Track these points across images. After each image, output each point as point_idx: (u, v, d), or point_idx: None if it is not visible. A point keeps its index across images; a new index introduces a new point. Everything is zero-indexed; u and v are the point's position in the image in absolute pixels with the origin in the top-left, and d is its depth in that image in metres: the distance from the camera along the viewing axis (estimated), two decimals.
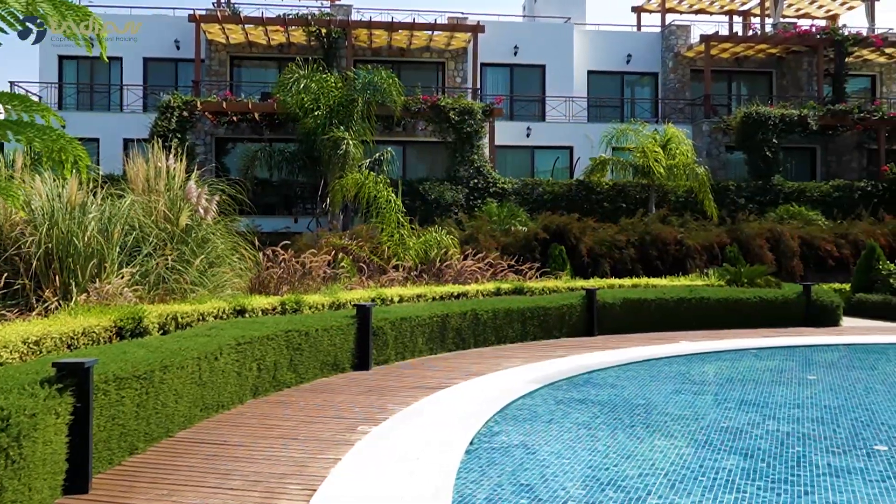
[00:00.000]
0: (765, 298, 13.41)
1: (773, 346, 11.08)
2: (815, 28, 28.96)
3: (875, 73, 30.17)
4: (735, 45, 28.42)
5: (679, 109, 29.10)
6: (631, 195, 23.56)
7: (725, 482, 5.00)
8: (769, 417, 6.97)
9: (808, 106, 26.27)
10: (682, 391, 8.16)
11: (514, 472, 5.14)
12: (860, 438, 6.24)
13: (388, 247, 14.47)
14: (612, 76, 29.74)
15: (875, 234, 19.70)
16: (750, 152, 25.42)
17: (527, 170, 26.98)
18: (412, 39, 26.38)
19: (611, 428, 6.51)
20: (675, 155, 22.16)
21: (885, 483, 4.99)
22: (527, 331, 11.29)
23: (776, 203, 23.88)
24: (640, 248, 18.09)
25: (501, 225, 19.03)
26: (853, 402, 7.72)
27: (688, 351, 10.46)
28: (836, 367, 10.04)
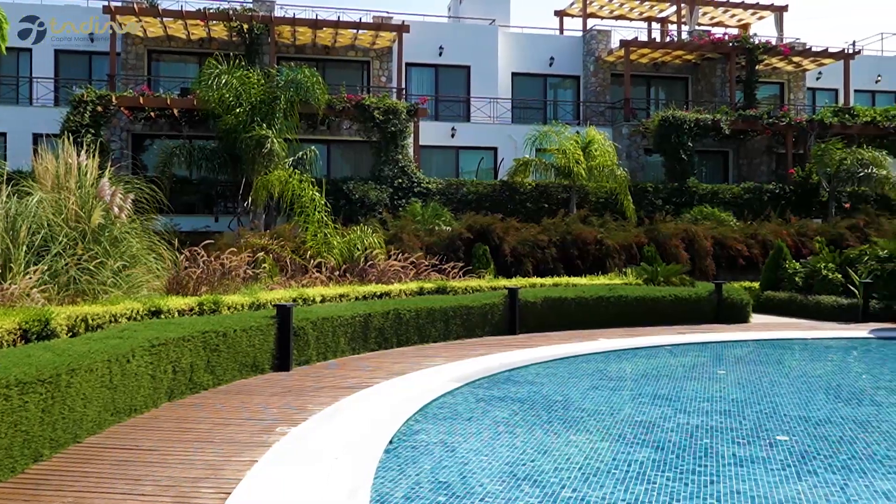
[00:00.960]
0: (679, 296, 13.86)
1: (686, 343, 11.47)
2: (728, 36, 30.12)
3: (783, 80, 31.56)
4: (653, 50, 29.28)
5: (600, 112, 29.78)
6: (553, 196, 23.98)
7: (637, 474, 5.16)
8: (680, 411, 7.22)
9: (721, 111, 27.29)
10: (599, 387, 8.37)
11: (432, 471, 5.18)
12: (764, 430, 6.53)
13: (312, 246, 14.33)
14: (536, 78, 30.22)
15: (782, 234, 20.60)
16: (667, 155, 26.23)
17: (451, 170, 27.14)
18: (337, 38, 26.18)
19: (529, 424, 6.62)
20: (595, 157, 22.65)
21: (785, 471, 5.24)
22: (450, 330, 11.36)
23: (691, 204, 24.71)
24: (561, 247, 18.42)
25: (426, 225, 19.09)
26: (759, 395, 8.06)
27: (606, 348, 10.73)
28: (744, 362, 10.47)
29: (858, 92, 32.11)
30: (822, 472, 5.25)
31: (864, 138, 27.60)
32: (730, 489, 4.82)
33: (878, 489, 4.89)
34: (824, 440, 6.12)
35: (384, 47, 27.37)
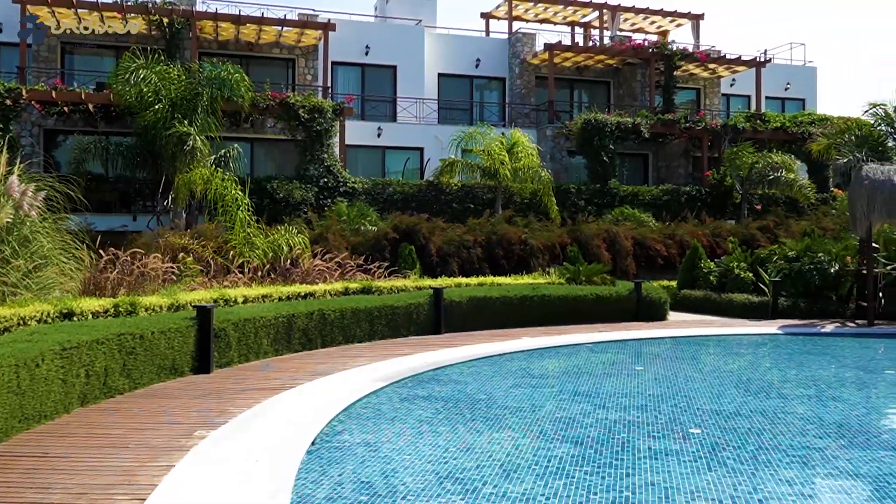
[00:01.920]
0: (601, 295, 14.19)
1: (606, 341, 11.76)
2: (648, 42, 30.98)
3: (700, 86, 32.67)
4: (576, 54, 29.87)
5: (525, 114, 30.20)
6: (479, 196, 24.19)
7: (557, 469, 5.27)
8: (599, 407, 7.40)
9: (641, 115, 28.06)
10: (522, 385, 8.50)
11: (355, 471, 5.17)
12: (678, 423, 6.77)
13: (235, 246, 14.07)
14: (462, 79, 30.43)
15: (698, 234, 21.33)
16: (589, 157, 26.80)
17: (378, 170, 27.07)
18: (261, 34, 25.76)
19: (452, 423, 6.68)
20: (520, 158, 22.96)
21: (697, 463, 5.44)
22: (375, 330, 11.34)
23: (613, 205, 25.32)
24: (486, 247, 18.61)
25: (351, 224, 18.99)
26: (674, 390, 8.34)
27: (529, 347, 10.89)
28: (661, 359, 10.80)
29: (769, 98, 33.50)
30: (732, 462, 5.48)
31: (774, 143, 28.82)
32: (644, 481, 4.98)
33: (782, 477, 5.13)
34: (734, 432, 6.38)
35: (310, 45, 27.08)
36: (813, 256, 15.41)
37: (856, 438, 6.26)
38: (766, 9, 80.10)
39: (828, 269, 15.07)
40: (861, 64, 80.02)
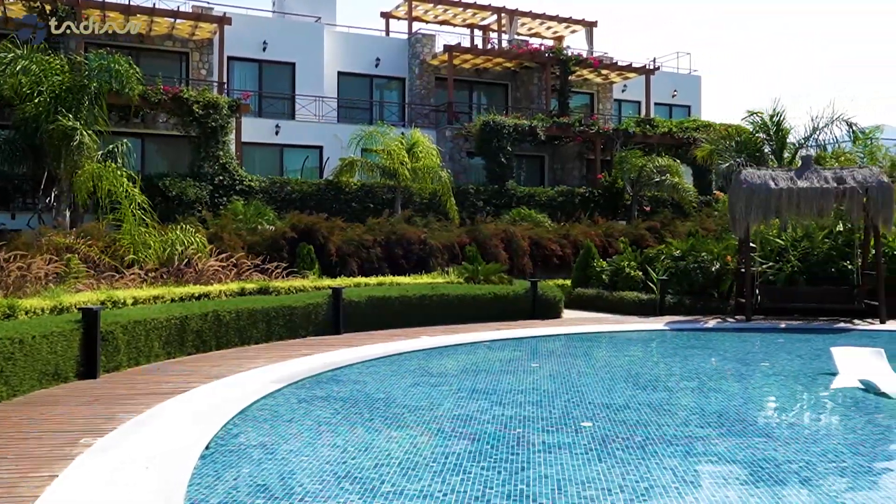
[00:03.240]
0: (498, 294, 14.46)
1: (503, 339, 11.99)
2: (544, 47, 31.80)
3: (593, 91, 33.77)
4: (475, 56, 30.29)
5: (425, 115, 30.37)
6: (378, 196, 24.16)
7: (454, 465, 5.36)
8: (496, 404, 7.56)
9: (538, 118, 28.73)
10: (421, 384, 8.57)
11: (251, 474, 5.09)
12: (571, 417, 7.00)
13: (125, 246, 13.52)
14: (362, 78, 30.30)
15: (591, 235, 22.04)
16: (488, 158, 27.24)
17: (276, 168, 26.61)
18: (152, 26, 24.84)
19: (351, 423, 6.67)
20: (420, 158, 23.06)
21: (588, 455, 5.65)
22: (272, 331, 11.16)
23: (510, 206, 25.82)
24: (386, 247, 18.61)
25: (248, 224, 18.58)
26: (567, 386, 8.61)
27: (428, 345, 10.98)
28: (555, 356, 11.12)
29: (658, 105, 34.98)
30: (621, 453, 5.72)
31: (662, 147, 30.13)
32: (538, 474, 5.13)
33: (667, 466, 5.40)
34: (623, 424, 6.65)
35: (204, 39, 26.30)
36: (697, 256, 16.20)
37: (734, 427, 6.65)
38: (656, 19, 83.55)
39: (710, 268, 15.88)
40: (741, 74, 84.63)
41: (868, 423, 6.85)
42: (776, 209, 14.51)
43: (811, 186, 14.18)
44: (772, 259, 16.01)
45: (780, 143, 19.20)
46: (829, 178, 14.29)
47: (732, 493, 4.91)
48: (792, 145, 19.22)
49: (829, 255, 15.58)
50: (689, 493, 4.86)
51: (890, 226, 14.12)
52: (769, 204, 14.26)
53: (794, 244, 16.20)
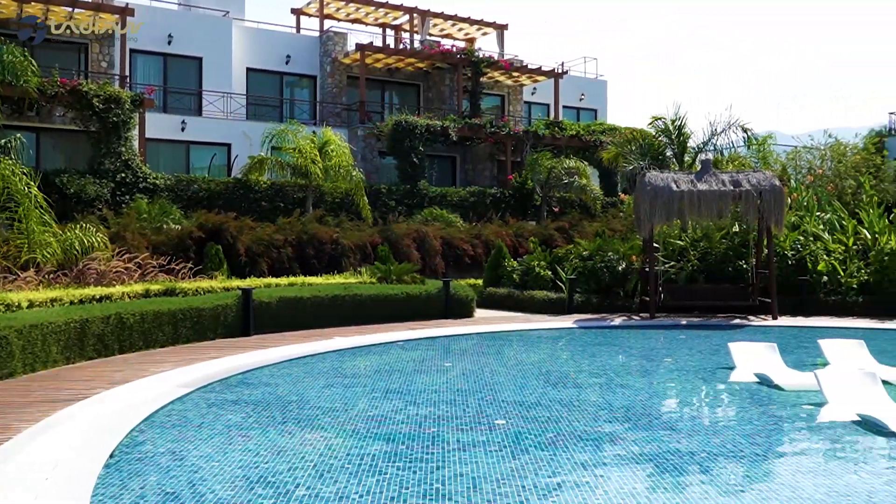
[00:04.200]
0: (411, 294, 14.49)
1: (416, 338, 12.03)
2: (456, 48, 32.03)
3: (504, 93, 34.25)
4: (387, 56, 30.24)
5: (336, 113, 30.10)
6: (289, 195, 23.79)
7: (369, 466, 5.34)
8: (410, 403, 7.58)
9: (450, 118, 28.94)
10: (334, 385, 8.50)
11: (159, 481, 4.93)
12: (484, 415, 7.09)
13: (19, 245, 12.83)
14: (272, 75, 29.77)
15: (502, 234, 22.38)
16: (400, 158, 27.25)
17: (182, 166, 25.82)
18: (48, 14, 23.64)
19: (263, 426, 6.55)
20: (332, 157, 22.86)
21: (502, 452, 5.74)
22: (179, 333, 10.83)
23: (422, 206, 25.91)
24: (297, 247, 18.36)
25: (153, 223, 17.97)
26: (481, 384, 8.72)
27: (341, 346, 10.90)
28: (468, 354, 11.23)
29: (566, 108, 35.80)
30: (534, 449, 5.83)
31: (571, 149, 30.86)
32: (454, 472, 5.18)
33: (577, 461, 5.55)
34: (535, 421, 6.79)
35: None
36: (604, 255, 16.69)
37: (640, 421, 6.89)
38: (565, 24, 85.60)
39: (616, 267, 16.39)
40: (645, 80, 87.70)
41: (763, 414, 7.22)
42: (678, 211, 15.11)
43: (710, 189, 14.83)
44: (674, 258, 16.66)
45: (682, 147, 19.97)
46: (727, 182, 14.98)
47: (640, 485, 5.09)
48: (692, 149, 20.00)
49: (726, 255, 16.33)
50: (600, 487, 5.00)
51: (781, 227, 14.92)
52: (671, 206, 14.82)
53: (694, 244, 16.91)
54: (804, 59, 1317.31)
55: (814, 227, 16.85)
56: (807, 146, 27.41)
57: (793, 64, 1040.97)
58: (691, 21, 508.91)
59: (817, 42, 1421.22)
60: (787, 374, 8.38)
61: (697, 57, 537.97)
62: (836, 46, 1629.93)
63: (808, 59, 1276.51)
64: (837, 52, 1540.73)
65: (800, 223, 16.94)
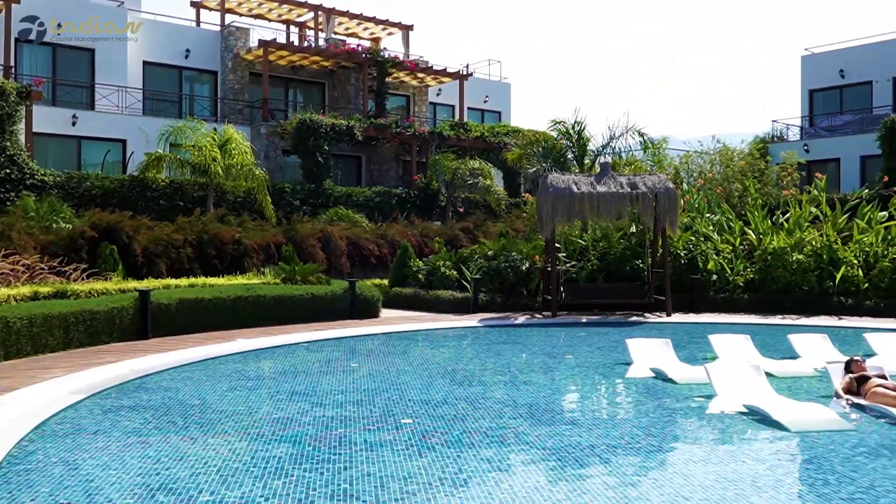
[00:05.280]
0: (316, 294, 14.35)
1: (322, 339, 11.93)
2: (361, 48, 31.89)
3: (409, 93, 34.33)
4: (291, 53, 29.78)
5: (238, 111, 29.43)
6: (189, 194, 23.10)
7: (275, 469, 5.28)
8: (317, 405, 7.53)
9: (355, 118, 28.78)
10: (238, 388, 8.34)
11: (52, 492, 4.73)
12: (391, 415, 7.12)
13: None
14: (170, 70, 28.82)
15: (408, 235, 22.44)
16: (304, 157, 26.89)
17: (73, 162, 24.64)
18: None
19: (164, 432, 6.37)
20: (233, 155, 22.32)
21: (409, 450, 5.79)
22: (71, 338, 10.36)
23: (327, 206, 25.67)
24: (197, 247, 17.84)
25: (41, 222, 17.05)
26: (387, 384, 8.74)
27: (244, 348, 10.70)
28: (374, 355, 11.23)
29: (471, 109, 36.22)
30: (440, 447, 5.91)
31: (475, 151, 31.25)
32: (361, 472, 5.19)
33: (483, 457, 5.66)
34: (442, 419, 6.87)
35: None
36: (507, 255, 17.00)
37: (543, 417, 7.08)
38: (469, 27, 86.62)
39: (520, 267, 16.73)
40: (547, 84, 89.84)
41: (658, 407, 7.55)
42: (578, 212, 15.57)
43: (609, 191, 15.35)
44: (575, 258, 17.14)
45: (582, 150, 20.56)
46: (624, 184, 15.54)
47: (543, 479, 5.25)
48: (592, 152, 20.62)
49: (624, 255, 16.94)
50: (505, 481, 5.13)
51: (676, 228, 15.61)
52: (572, 207, 15.26)
53: (594, 244, 17.46)
54: (696, 66, 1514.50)
55: (704, 228, 17.69)
56: (698, 151, 28.73)
57: (685, 71, 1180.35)
58: (592, 24, 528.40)
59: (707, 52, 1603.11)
60: (680, 369, 8.80)
61: (598, 61, 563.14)
62: (725, 57, 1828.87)
63: (700, 67, 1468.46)
64: (727, 62, 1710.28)
65: (692, 224, 17.75)
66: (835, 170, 30.53)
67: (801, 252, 16.12)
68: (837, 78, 32.82)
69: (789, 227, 16.89)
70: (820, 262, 15.99)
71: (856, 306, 15.14)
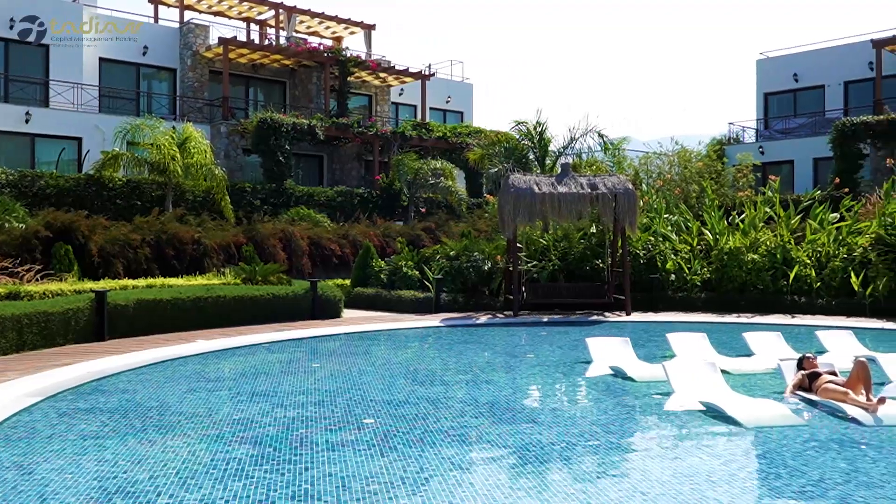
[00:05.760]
0: (277, 295, 14.25)
1: (283, 340, 11.86)
2: (323, 47, 31.70)
3: (372, 93, 34.25)
4: (252, 51, 29.50)
5: (198, 109, 29.05)
6: (147, 193, 22.75)
7: (236, 471, 5.25)
8: (278, 406, 7.48)
9: (317, 117, 28.61)
10: (198, 389, 8.25)
11: (4, 498, 4.63)
12: (353, 415, 7.11)
13: None
14: (128, 67, 28.34)
15: (370, 235, 22.39)
16: (265, 156, 26.66)
17: (26, 160, 24.10)
18: None
19: (121, 435, 6.28)
20: (193, 154, 22.05)
21: (371, 450, 5.80)
22: (25, 340, 10.14)
23: (289, 205, 25.48)
24: (156, 247, 17.59)
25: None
26: (349, 384, 8.72)
27: (204, 349, 10.59)
28: (336, 355, 11.19)
29: (433, 109, 36.26)
30: (402, 446, 5.92)
31: (438, 151, 31.30)
32: (323, 473, 5.18)
33: (444, 455, 5.69)
34: (403, 419, 6.88)
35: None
36: (469, 255, 17.07)
37: (504, 415, 7.14)
38: (431, 27, 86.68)
39: (482, 267, 16.81)
40: (509, 85, 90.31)
41: (617, 404, 7.66)
42: (540, 212, 15.69)
43: (569, 192, 15.50)
44: (536, 258, 17.28)
45: (543, 150, 20.73)
46: (585, 185, 15.72)
47: (503, 476, 5.30)
48: (553, 153, 20.81)
49: (584, 255, 17.14)
50: (466, 480, 5.17)
51: (635, 228, 15.83)
52: (534, 207, 15.38)
53: (555, 244, 17.61)
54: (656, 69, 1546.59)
55: (663, 228, 17.97)
56: (657, 152, 29.15)
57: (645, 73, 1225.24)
58: (554, 26, 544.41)
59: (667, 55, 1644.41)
60: (639, 367, 8.93)
61: (560, 63, 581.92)
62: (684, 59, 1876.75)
63: (660, 69, 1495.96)
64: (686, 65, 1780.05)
65: (650, 224, 18.02)
66: (789, 171, 31.24)
67: (755, 252, 16.46)
68: (792, 82, 33.59)
69: (744, 228, 17.24)
70: (774, 261, 16.36)
71: (808, 305, 15.52)
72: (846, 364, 8.21)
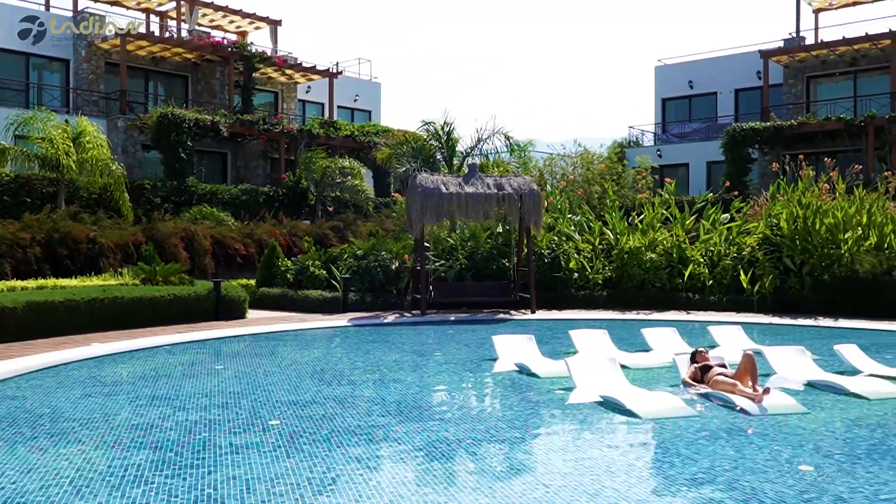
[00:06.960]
0: (179, 295, 13.84)
1: (186, 341, 11.53)
2: (227, 41, 30.94)
3: (278, 90, 33.68)
4: (152, 44, 28.50)
5: (93, 102, 27.85)
6: (37, 189, 21.64)
7: (134, 477, 5.09)
8: (179, 409, 7.29)
9: (220, 113, 27.92)
10: (93, 394, 7.93)
11: None
12: (258, 417, 7.00)
13: None
14: (15, 55, 26.87)
15: (276, 234, 22.02)
16: (166, 153, 25.82)
17: None
18: None
19: (9, 443, 5.98)
20: (88, 149, 21.10)
21: (277, 452, 5.73)
22: None
23: (191, 203, 24.75)
24: (47, 246, 16.77)
25: None
26: (254, 386, 8.57)
27: (100, 353, 10.19)
28: (241, 356, 10.97)
29: (341, 108, 35.99)
30: (308, 447, 5.88)
31: (345, 149, 31.07)
32: (226, 476, 5.09)
33: (352, 455, 5.68)
34: (310, 419, 6.83)
35: None
36: (377, 255, 17.05)
37: (411, 413, 7.19)
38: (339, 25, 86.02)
39: (390, 266, 16.81)
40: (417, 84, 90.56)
41: (521, 400, 7.84)
42: (447, 211, 15.84)
43: (476, 192, 15.71)
44: (443, 257, 17.43)
45: (451, 151, 20.91)
46: (491, 185, 15.96)
47: (411, 474, 5.34)
48: (460, 154, 21.01)
49: (491, 254, 17.39)
50: (373, 478, 5.18)
51: (540, 228, 16.20)
52: (441, 207, 15.51)
53: (462, 244, 17.81)
54: (560, 72, 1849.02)
55: (566, 228, 18.45)
56: (560, 154, 29.88)
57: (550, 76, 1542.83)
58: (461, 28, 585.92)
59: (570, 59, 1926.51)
60: (543, 363, 9.16)
61: (466, 65, 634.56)
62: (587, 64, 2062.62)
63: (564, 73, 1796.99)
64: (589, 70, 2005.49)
65: (554, 224, 18.46)
66: (684, 174, 32.64)
67: (653, 251, 17.13)
68: (687, 88, 35.09)
69: (643, 228, 17.90)
70: (670, 260, 17.07)
71: (702, 301, 16.27)
72: (735, 357, 8.66)
